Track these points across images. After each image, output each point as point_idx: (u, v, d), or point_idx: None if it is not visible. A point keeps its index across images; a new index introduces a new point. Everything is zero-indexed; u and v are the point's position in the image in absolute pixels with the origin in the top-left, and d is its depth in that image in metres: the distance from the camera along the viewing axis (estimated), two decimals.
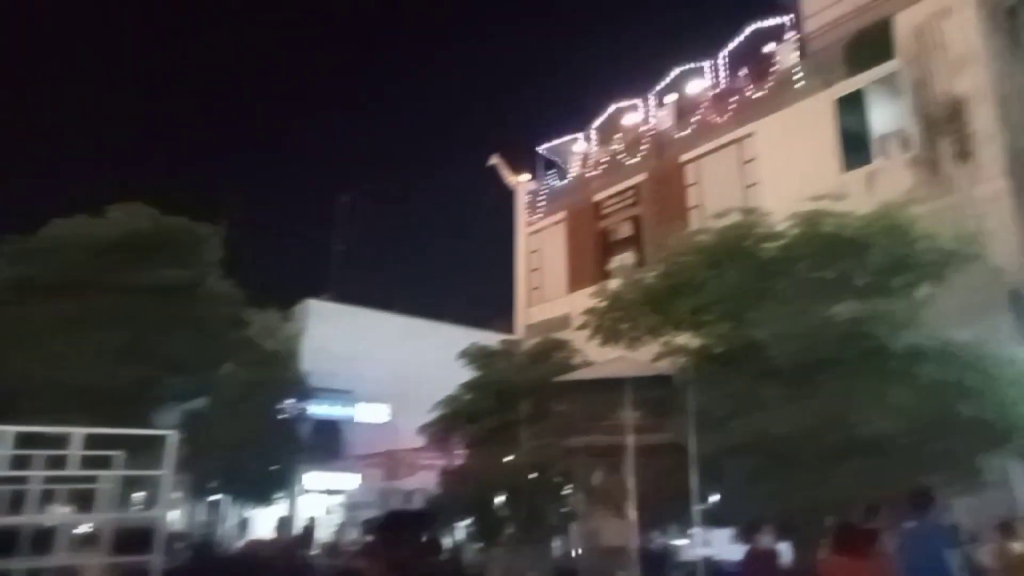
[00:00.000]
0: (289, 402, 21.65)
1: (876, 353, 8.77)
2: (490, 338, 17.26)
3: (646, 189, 18.55)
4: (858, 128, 14.69)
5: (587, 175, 20.25)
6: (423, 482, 17.32)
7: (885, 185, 13.19)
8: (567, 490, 13.10)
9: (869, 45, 14.61)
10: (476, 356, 15.07)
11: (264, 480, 19.91)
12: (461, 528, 14.96)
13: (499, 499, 13.56)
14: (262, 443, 18.76)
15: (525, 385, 12.68)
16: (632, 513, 9.06)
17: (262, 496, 20.51)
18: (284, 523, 14.33)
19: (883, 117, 14.63)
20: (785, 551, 8.10)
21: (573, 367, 12.46)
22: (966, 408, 8.21)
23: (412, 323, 27.21)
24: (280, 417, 21.19)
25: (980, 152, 12.65)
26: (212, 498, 21.53)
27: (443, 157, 72.38)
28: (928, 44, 13.81)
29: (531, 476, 12.72)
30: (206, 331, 15.93)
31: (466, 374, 15.05)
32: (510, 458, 13.26)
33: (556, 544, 14.03)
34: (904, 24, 14.10)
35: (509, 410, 13.03)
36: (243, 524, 21.95)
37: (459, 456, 15.34)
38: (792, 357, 8.75)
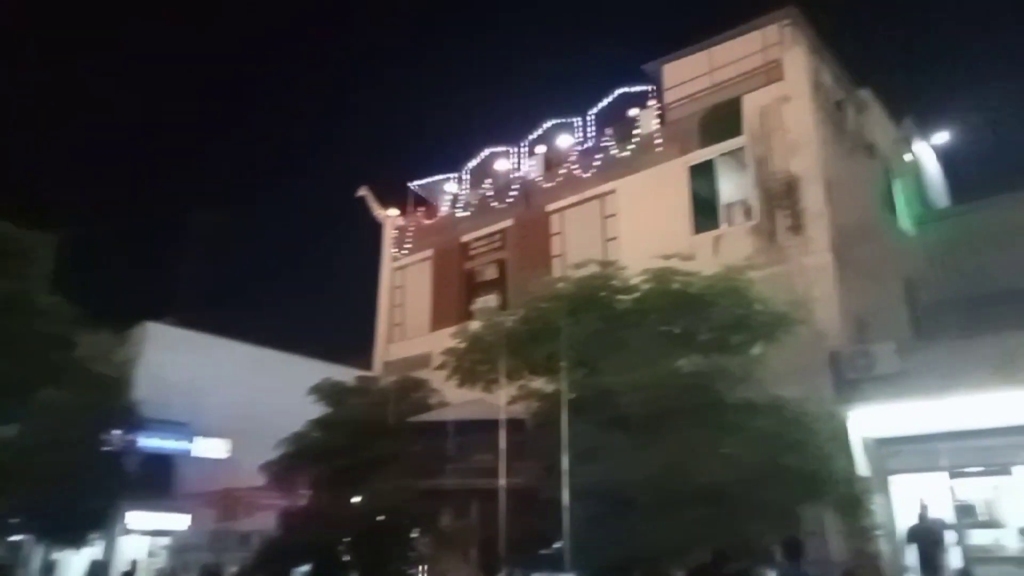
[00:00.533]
0: (116, 433, 19.81)
1: (714, 405, 9.32)
2: (346, 374, 16.76)
3: (513, 234, 18.96)
4: (708, 195, 15.85)
5: (457, 215, 20.41)
6: (261, 524, 16.32)
7: (729, 249, 14.29)
8: (415, 533, 12.81)
9: (721, 120, 15.89)
10: (328, 392, 14.56)
11: (76, 518, 17.94)
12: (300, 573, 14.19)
13: (344, 542, 13.02)
14: (79, 477, 16.97)
15: (379, 424, 12.37)
16: (478, 557, 8.99)
17: (73, 536, 18.46)
18: (97, 568, 12.94)
19: (730, 187, 15.88)
20: None
21: (430, 407, 12.34)
22: (790, 460, 8.85)
23: (262, 354, 25.88)
24: (104, 449, 19.32)
25: (810, 227, 14.00)
26: (14, 538, 19.14)
27: (309, 183, 70.41)
28: (770, 125, 15.23)
29: (379, 519, 12.34)
30: (24, 350, 14.30)
31: (317, 410, 14.49)
32: (358, 500, 12.81)
33: None
34: (751, 105, 15.48)
35: (360, 449, 12.63)
36: (48, 568, 19.64)
37: (303, 497, 14.63)
38: (640, 406, 9.12)
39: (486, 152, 20.38)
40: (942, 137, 22.44)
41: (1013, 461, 11.13)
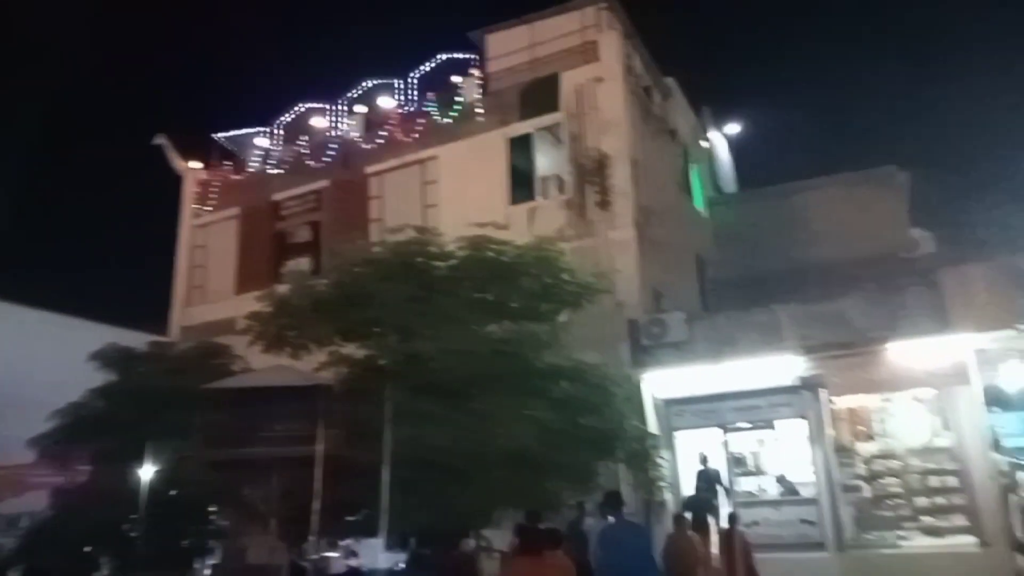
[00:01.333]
0: None
1: (522, 371, 9.66)
2: (138, 339, 15.33)
3: (328, 195, 18.30)
4: (525, 167, 16.28)
5: (268, 172, 19.29)
6: (31, 504, 14.64)
7: (543, 221, 14.83)
8: (213, 507, 12.12)
9: (539, 95, 16.32)
10: (114, 358, 13.26)
11: None
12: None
13: (131, 520, 12.01)
14: None
15: (173, 392, 11.46)
16: (282, 529, 8.69)
17: None
18: None
19: (546, 161, 16.42)
20: (431, 555, 8.51)
21: (232, 374, 11.64)
22: (590, 421, 9.41)
23: (35, 316, 23.00)
24: None
25: (617, 203, 14.85)
26: None
27: (99, 128, 63.00)
28: (585, 104, 15.88)
29: (172, 493, 11.52)
30: None
31: (100, 378, 13.16)
32: (148, 474, 11.86)
33: (199, 566, 12.85)
34: (568, 83, 16.04)
35: (151, 420, 11.66)
36: None
37: (82, 473, 13.28)
38: (451, 372, 9.22)
39: (301, 107, 19.41)
40: (734, 128, 24.77)
41: (775, 417, 12.68)
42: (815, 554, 11.43)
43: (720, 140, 24.12)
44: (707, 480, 12.35)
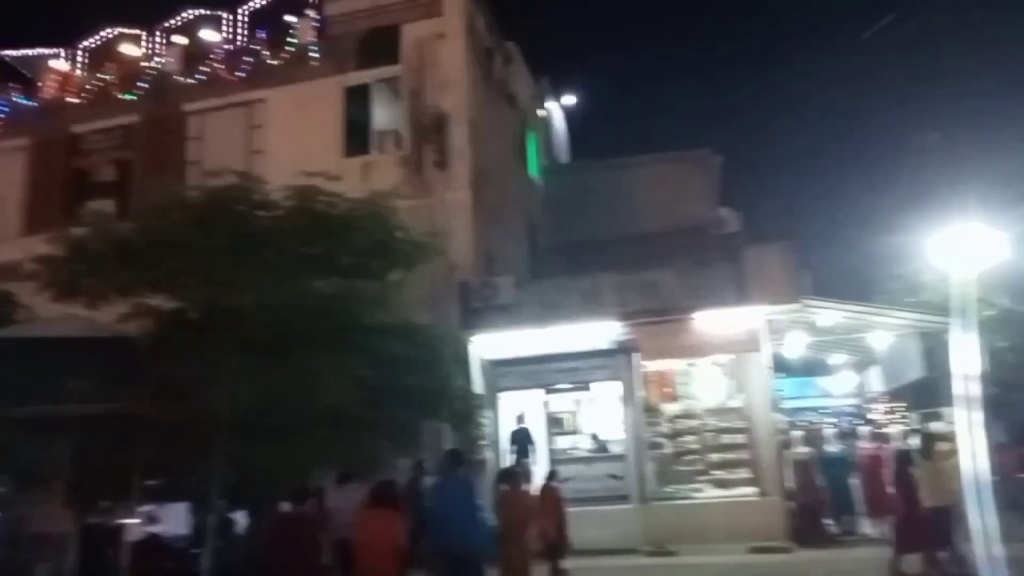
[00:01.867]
0: None
1: (348, 329, 9.39)
2: None
3: (139, 132, 16.63)
4: (361, 120, 15.72)
5: (67, 101, 17.13)
6: None
7: (377, 176, 14.37)
8: None
9: (379, 46, 15.75)
10: None
11: None
12: None
13: None
14: None
15: None
16: (72, 494, 7.91)
17: None
18: None
19: (384, 115, 15.95)
20: (243, 517, 8.15)
21: (13, 323, 10.33)
22: (417, 380, 9.38)
23: None
24: None
25: (454, 164, 14.78)
26: None
27: None
28: (425, 60, 15.55)
29: None
30: None
31: None
32: None
33: None
34: (409, 36, 15.60)
35: None
36: None
37: None
38: (271, 328, 8.77)
39: (111, 32, 17.37)
40: (570, 99, 25.44)
41: (593, 379, 13.42)
42: (620, 506, 12.33)
43: (557, 110, 24.70)
44: (520, 440, 12.88)
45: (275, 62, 16.21)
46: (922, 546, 9.13)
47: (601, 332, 13.37)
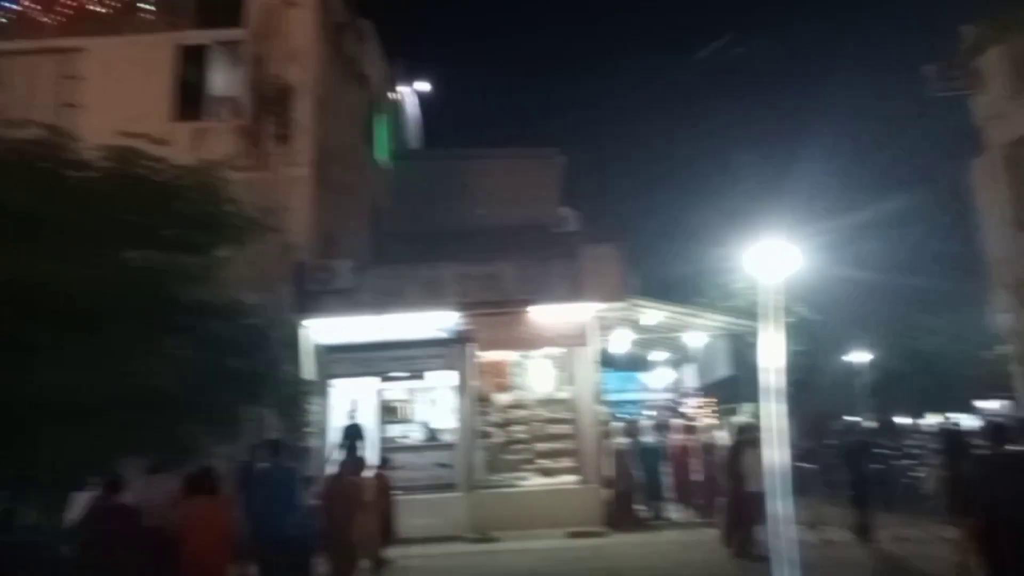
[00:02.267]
0: None
1: (167, 304, 8.73)
2: None
3: None
4: (196, 82, 14.66)
5: None
6: None
7: (211, 145, 13.45)
8: None
9: (221, 5, 14.75)
10: None
11: None
12: None
13: None
14: None
15: None
16: None
17: None
18: None
19: (222, 80, 14.98)
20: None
21: None
22: (242, 363, 8.89)
23: None
24: None
25: (296, 139, 14.17)
26: None
27: None
28: (272, 27, 14.76)
29: None
30: None
31: None
32: None
33: None
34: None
35: None
36: None
37: None
38: (74, 300, 7.96)
39: None
40: (424, 86, 25.21)
41: (428, 368, 13.44)
42: (448, 494, 12.47)
43: (409, 95, 24.39)
44: (351, 435, 12.65)
45: (101, 9, 14.69)
46: (746, 526, 9.88)
47: (439, 321, 13.41)
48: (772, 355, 12.66)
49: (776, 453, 9.32)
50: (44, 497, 7.69)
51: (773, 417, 9.93)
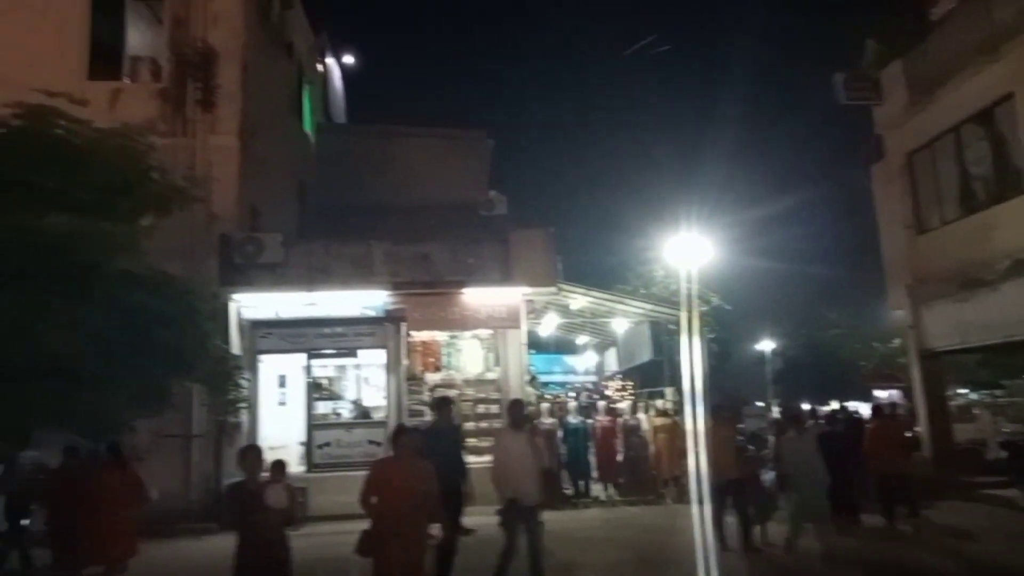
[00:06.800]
0: None
1: (86, 272, 8.25)
2: None
3: None
4: (112, 41, 13.81)
5: None
6: None
7: (128, 107, 12.74)
8: None
9: None
10: None
11: None
12: None
13: None
14: None
15: None
16: None
17: None
18: None
19: (141, 39, 14.19)
20: None
21: None
22: (165, 336, 8.51)
23: None
24: None
25: (221, 106, 13.56)
26: None
27: None
28: None
29: None
30: None
31: None
32: None
33: None
34: None
35: None
36: None
37: None
38: None
39: None
40: (350, 59, 24.62)
41: (359, 346, 13.25)
42: None
43: (335, 68, 23.76)
44: None
45: None
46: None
47: (369, 300, 13.23)
48: (689, 341, 13.17)
49: (695, 434, 9.77)
50: None
51: (691, 400, 10.39)
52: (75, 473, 8.65)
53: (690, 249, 13.82)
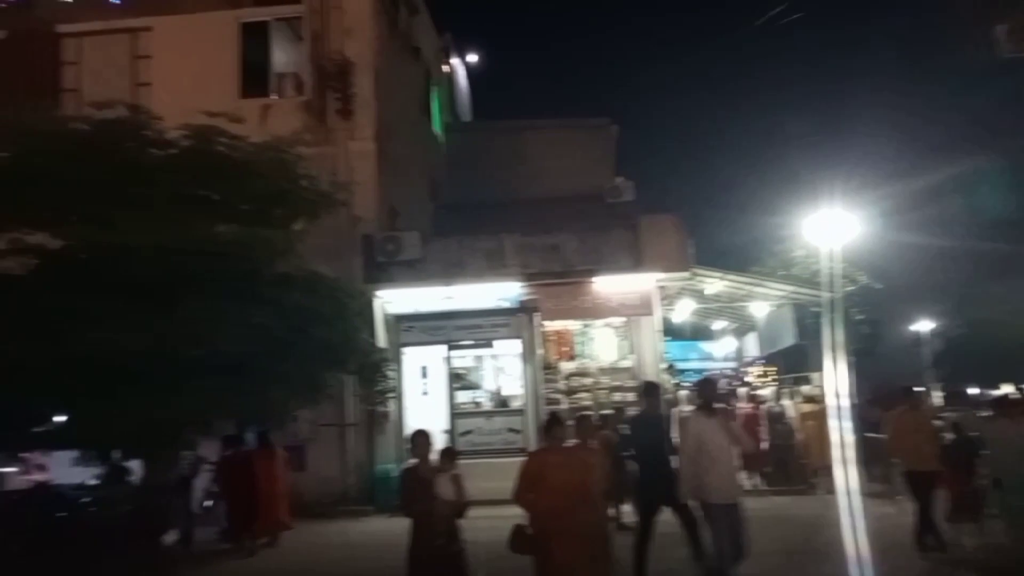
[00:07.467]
0: None
1: (250, 276, 9.02)
2: None
3: (6, 51, 14.93)
4: (259, 59, 14.90)
5: None
6: None
7: (277, 121, 13.69)
8: None
9: None
10: None
11: None
12: None
13: None
14: None
15: None
16: None
17: None
18: None
19: (284, 56, 15.19)
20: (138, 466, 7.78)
21: None
22: (320, 332, 9.17)
23: None
24: None
25: (358, 113, 14.32)
26: None
27: None
28: (329, 2, 14.86)
29: None
30: None
31: None
32: None
33: None
34: None
35: None
36: None
37: None
38: (163, 271, 8.28)
39: None
40: (474, 57, 25.18)
41: (495, 337, 13.61)
42: (519, 459, 12.60)
43: (460, 67, 24.38)
44: None
45: None
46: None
47: (502, 291, 13.55)
48: (834, 324, 12.48)
49: (840, 422, 9.16)
50: (151, 455, 8.07)
51: (835, 387, 9.81)
52: (240, 458, 9.91)
53: (833, 225, 13.13)
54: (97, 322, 7.89)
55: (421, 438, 6.00)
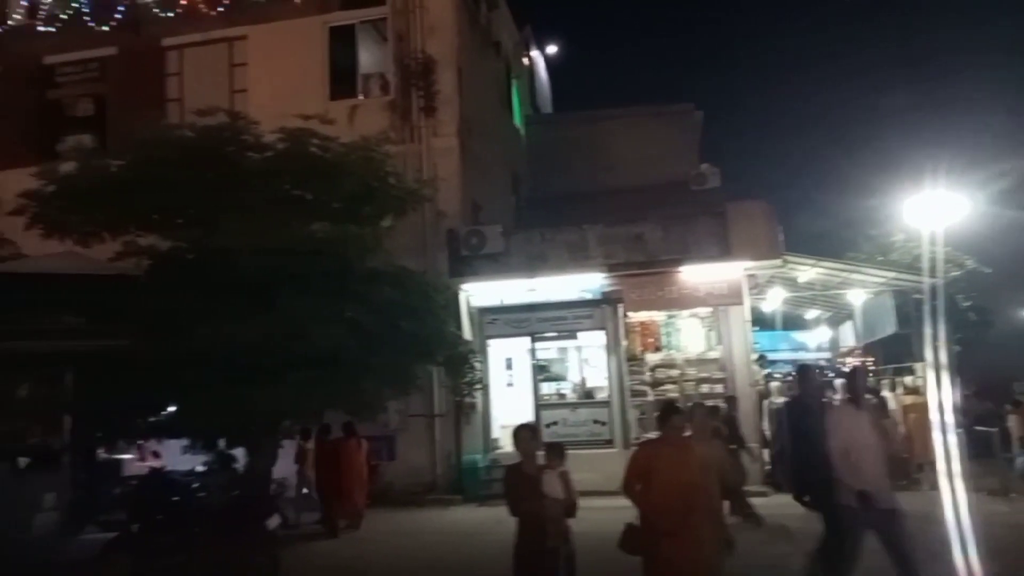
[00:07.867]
0: None
1: (341, 272, 9.37)
2: None
3: (116, 66, 16.04)
4: (346, 62, 15.38)
5: (38, 29, 16.42)
6: None
7: (364, 120, 14.13)
8: None
9: None
10: None
11: None
12: None
13: None
14: None
15: None
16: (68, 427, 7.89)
17: None
18: None
19: (369, 58, 15.63)
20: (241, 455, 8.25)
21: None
22: (409, 325, 9.43)
23: None
24: None
25: (441, 110, 14.60)
26: None
27: None
28: (411, 2, 15.18)
29: None
30: None
31: None
32: None
33: None
34: None
35: None
36: None
37: None
38: (263, 270, 8.71)
39: None
40: (553, 49, 25.14)
41: (578, 328, 13.64)
42: (604, 450, 12.67)
43: (540, 59, 24.39)
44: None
45: None
46: None
47: (586, 283, 13.54)
48: (935, 312, 11.83)
49: (942, 415, 8.69)
50: (254, 444, 8.54)
51: (937, 378, 9.27)
52: (332, 446, 10.87)
53: (936, 207, 12.45)
54: (207, 319, 8.42)
55: (525, 432, 5.70)
